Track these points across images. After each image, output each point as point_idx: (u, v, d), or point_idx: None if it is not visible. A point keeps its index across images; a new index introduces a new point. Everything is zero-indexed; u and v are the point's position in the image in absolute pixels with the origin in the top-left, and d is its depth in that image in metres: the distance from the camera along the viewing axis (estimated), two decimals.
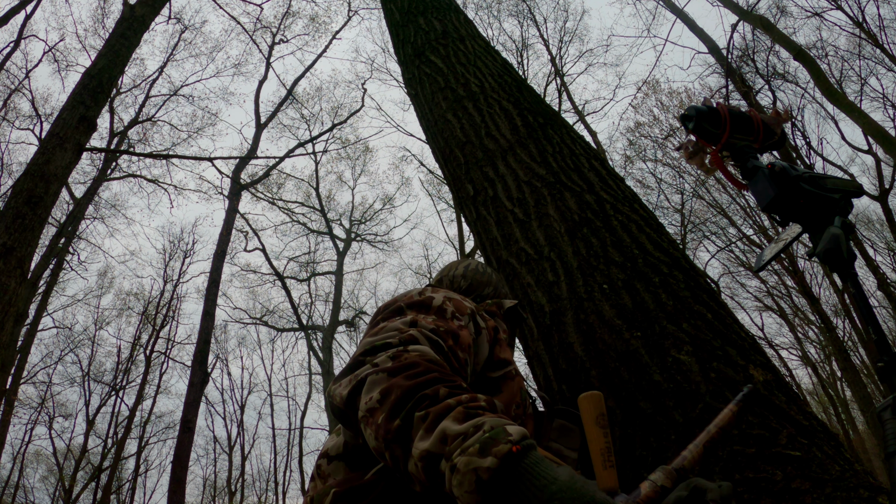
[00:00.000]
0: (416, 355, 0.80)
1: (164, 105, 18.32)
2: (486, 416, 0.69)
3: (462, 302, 1.08)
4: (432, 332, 0.90)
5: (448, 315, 1.00)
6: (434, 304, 1.02)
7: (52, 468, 22.55)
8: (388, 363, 0.79)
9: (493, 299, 1.41)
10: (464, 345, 0.94)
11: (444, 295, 1.06)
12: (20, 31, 15.10)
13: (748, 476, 1.25)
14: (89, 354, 21.44)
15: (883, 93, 14.71)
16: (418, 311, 0.99)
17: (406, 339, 0.85)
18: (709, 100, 1.17)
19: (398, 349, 0.81)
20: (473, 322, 1.06)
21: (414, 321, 0.92)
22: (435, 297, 1.04)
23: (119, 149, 16.26)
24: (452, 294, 1.09)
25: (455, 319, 1.00)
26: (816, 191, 1.02)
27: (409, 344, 0.84)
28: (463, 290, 1.44)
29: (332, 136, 20.10)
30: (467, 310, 1.07)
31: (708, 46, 13.88)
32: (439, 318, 0.97)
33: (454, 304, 1.05)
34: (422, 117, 3.03)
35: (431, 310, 1.00)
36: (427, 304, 1.01)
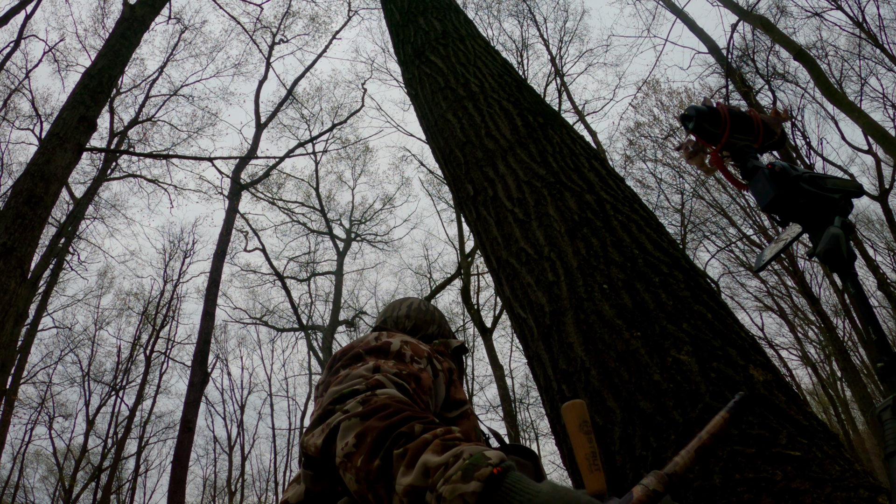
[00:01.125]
0: (385, 397, 0.82)
1: (164, 105, 18.33)
2: (463, 445, 0.72)
3: (418, 346, 1.11)
4: (396, 376, 0.93)
5: (407, 359, 1.02)
6: (392, 348, 1.04)
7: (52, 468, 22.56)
8: (359, 408, 0.80)
9: (438, 339, 1.44)
10: (425, 387, 0.97)
11: (400, 339, 1.08)
12: (20, 31, 15.10)
13: (748, 476, 1.25)
14: (89, 354, 21.44)
15: (883, 93, 14.72)
16: (377, 356, 1.01)
17: (372, 384, 0.87)
18: (709, 100, 1.17)
19: (367, 394, 0.83)
20: (431, 365, 1.08)
21: (377, 367, 0.94)
22: (392, 342, 1.06)
23: (119, 149, 16.26)
24: (408, 338, 1.12)
25: (414, 363, 1.02)
26: (816, 191, 1.02)
27: (376, 388, 0.85)
28: (408, 331, 1.46)
29: (332, 136, 20.11)
30: (424, 353, 1.09)
31: (708, 46, 13.88)
32: (399, 362, 0.99)
33: (412, 348, 1.07)
34: (422, 117, 3.03)
35: (390, 355, 1.02)
36: (385, 350, 1.03)
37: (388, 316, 1.53)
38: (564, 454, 1.71)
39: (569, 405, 0.81)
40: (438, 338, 1.50)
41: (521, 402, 21.20)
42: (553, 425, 1.78)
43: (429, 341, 1.46)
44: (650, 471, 1.36)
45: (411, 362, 1.02)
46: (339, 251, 20.40)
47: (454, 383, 1.16)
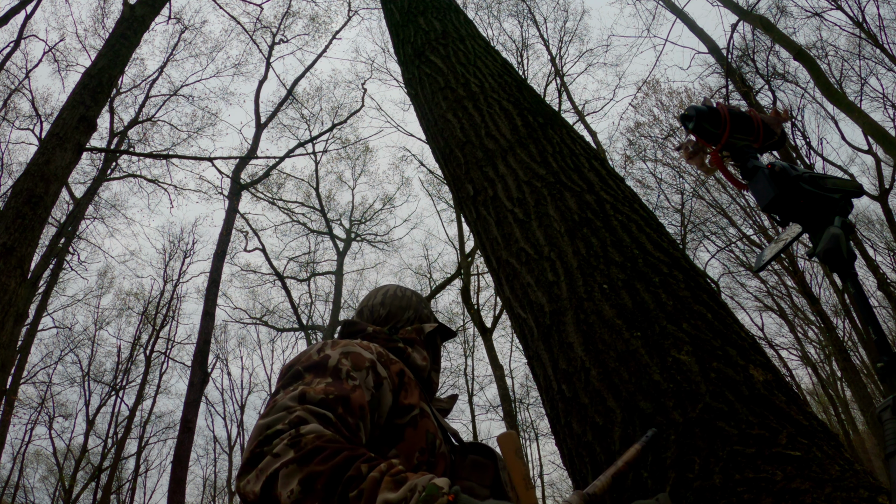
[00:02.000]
0: (314, 437, 0.83)
1: (164, 105, 18.34)
2: (411, 478, 0.79)
3: (361, 354, 1.08)
4: (319, 404, 0.92)
5: (343, 375, 1.01)
6: (330, 364, 1.03)
7: (52, 468, 22.57)
8: (290, 452, 0.81)
9: (412, 325, 1.43)
10: (354, 408, 0.95)
11: (340, 351, 1.06)
12: (20, 31, 15.11)
13: (748, 476, 1.25)
14: (89, 354, 21.45)
15: (883, 93, 14.72)
16: (315, 373, 1.00)
17: (294, 421, 0.87)
18: (709, 100, 1.17)
19: (292, 433, 0.84)
20: (373, 373, 1.06)
21: (303, 393, 0.93)
22: (331, 357, 1.04)
23: (119, 149, 16.26)
24: (351, 347, 1.09)
25: (349, 379, 1.00)
26: (816, 191, 1.02)
27: (299, 426, 0.86)
28: (383, 318, 1.45)
29: (332, 136, 20.12)
30: (365, 363, 1.07)
31: (708, 46, 13.88)
32: (334, 380, 0.99)
33: (351, 360, 1.05)
34: (422, 117, 3.03)
35: (327, 372, 1.01)
36: (323, 366, 1.02)
37: (365, 305, 1.52)
38: (564, 454, 1.71)
39: (503, 435, 0.95)
40: (415, 323, 1.48)
41: (521, 402, 21.21)
42: (553, 425, 1.78)
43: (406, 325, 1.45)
44: (650, 472, 1.36)
45: (346, 379, 1.00)
46: (339, 251, 20.40)
47: (406, 386, 1.14)
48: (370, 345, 1.17)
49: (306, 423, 0.87)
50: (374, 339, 1.33)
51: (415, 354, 1.34)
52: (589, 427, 1.56)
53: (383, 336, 1.35)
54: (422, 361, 1.33)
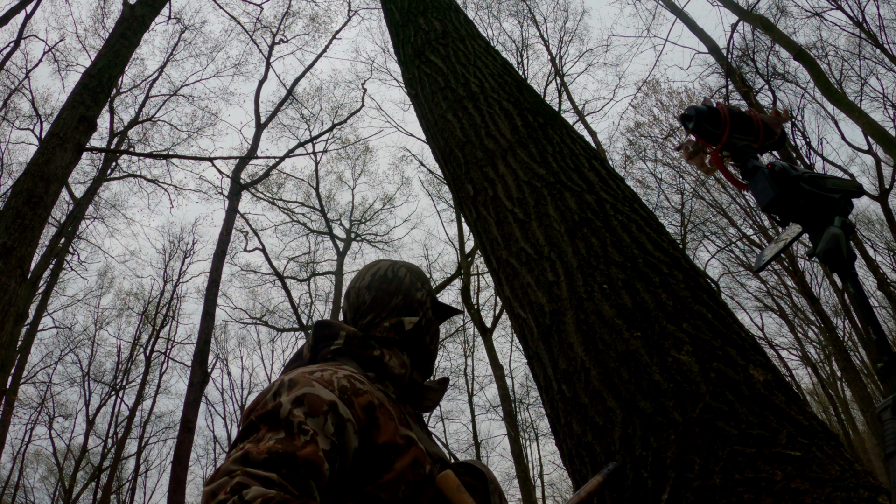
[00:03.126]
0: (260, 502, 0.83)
1: (164, 105, 18.33)
2: None
3: (319, 397, 1.00)
4: (262, 465, 0.90)
5: (294, 430, 0.95)
6: (282, 414, 0.97)
7: (52, 468, 22.56)
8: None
9: (391, 321, 1.30)
10: (300, 466, 0.92)
11: (294, 397, 0.99)
12: (20, 31, 15.11)
13: (748, 476, 1.25)
14: (89, 354, 21.45)
15: (883, 93, 14.73)
16: (268, 425, 0.97)
17: (235, 487, 0.86)
18: (709, 100, 1.17)
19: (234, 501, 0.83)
20: (334, 415, 0.99)
21: (245, 455, 0.91)
22: (282, 406, 0.98)
23: (119, 149, 16.26)
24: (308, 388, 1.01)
25: (301, 434, 0.95)
26: (816, 191, 1.02)
27: (240, 492, 0.85)
28: (368, 305, 1.35)
29: (332, 136, 20.11)
30: (324, 406, 0.99)
31: (708, 46, 13.88)
32: (285, 434, 0.95)
33: (307, 405, 0.98)
34: (422, 117, 3.03)
35: (280, 424, 0.96)
36: (275, 417, 0.97)
37: (352, 287, 1.41)
38: (564, 454, 1.71)
39: (440, 478, 1.04)
40: (401, 312, 1.34)
41: (521, 402, 21.20)
42: (553, 425, 1.78)
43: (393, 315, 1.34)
44: (650, 472, 1.36)
45: (298, 434, 0.94)
46: (339, 251, 20.39)
47: (376, 421, 1.06)
48: (333, 376, 1.07)
49: (247, 487, 0.85)
50: (345, 352, 1.22)
51: (392, 361, 1.23)
52: (589, 427, 1.56)
53: (356, 343, 1.23)
54: (400, 369, 1.23)
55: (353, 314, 1.37)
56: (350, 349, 1.22)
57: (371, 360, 1.22)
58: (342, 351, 1.22)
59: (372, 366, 1.21)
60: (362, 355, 1.22)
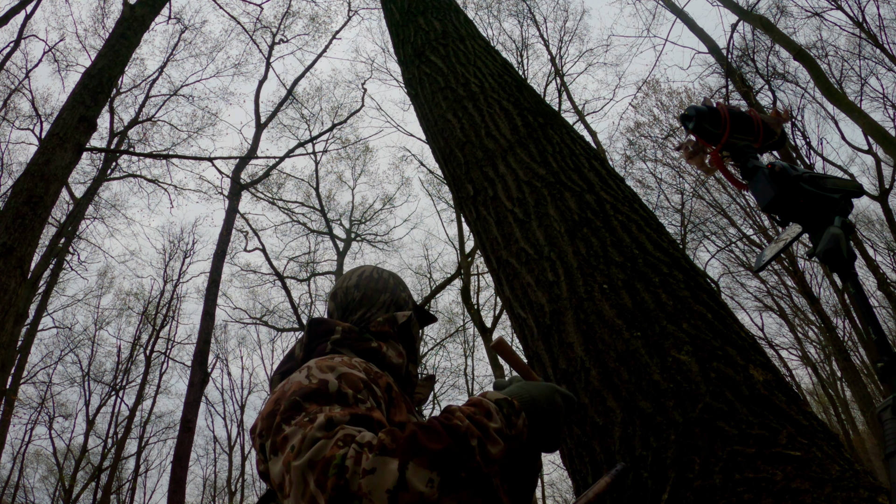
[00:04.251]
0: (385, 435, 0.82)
1: (164, 105, 18.34)
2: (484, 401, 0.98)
3: (354, 374, 1.00)
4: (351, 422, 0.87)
5: (351, 400, 0.94)
6: (331, 389, 0.95)
7: (52, 468, 22.57)
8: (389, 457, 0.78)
9: (385, 315, 1.31)
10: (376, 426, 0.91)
11: (336, 374, 0.98)
12: (20, 31, 15.11)
13: (748, 476, 1.25)
14: (89, 354, 21.46)
15: (883, 93, 14.73)
16: (317, 401, 0.92)
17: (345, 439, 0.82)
18: (709, 100, 1.17)
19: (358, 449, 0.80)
20: (368, 390, 1.00)
21: (329, 420, 0.86)
22: (329, 381, 0.96)
23: (119, 149, 16.26)
24: (341, 367, 1.01)
25: (358, 403, 0.94)
26: (816, 191, 1.02)
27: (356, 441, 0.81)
28: (357, 302, 1.36)
29: (332, 136, 20.11)
30: (360, 383, 0.99)
31: (708, 46, 13.88)
32: (342, 406, 0.92)
33: (348, 382, 0.98)
34: (422, 117, 3.03)
35: (332, 398, 0.93)
36: (324, 392, 0.94)
37: (339, 287, 1.43)
38: (564, 454, 1.71)
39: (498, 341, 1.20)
40: (390, 309, 1.37)
41: None
42: None
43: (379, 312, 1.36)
44: (650, 471, 1.36)
45: (355, 403, 0.93)
46: (339, 251, 20.39)
47: (394, 402, 1.07)
48: (352, 360, 1.08)
49: (361, 433, 0.83)
50: (344, 343, 1.22)
51: (389, 352, 1.24)
52: (589, 427, 1.56)
53: (354, 336, 1.23)
54: (397, 359, 1.25)
55: (341, 312, 1.39)
56: (348, 341, 1.23)
57: (370, 352, 1.22)
58: (341, 343, 1.22)
59: (371, 357, 1.22)
60: (360, 347, 1.22)
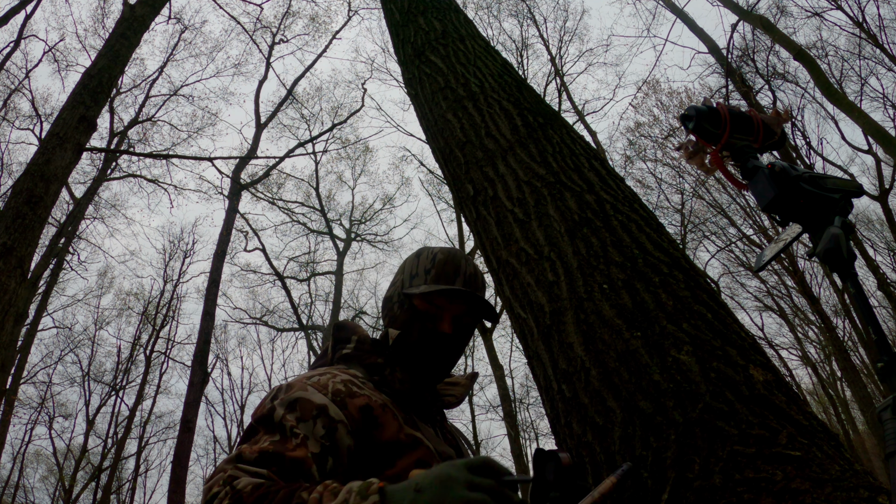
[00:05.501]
0: (251, 487, 0.87)
1: (164, 105, 18.34)
2: (347, 484, 0.85)
3: (310, 401, 1.03)
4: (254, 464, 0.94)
5: (287, 433, 0.99)
6: (276, 418, 1.01)
7: (52, 468, 22.57)
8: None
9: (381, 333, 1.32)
10: (288, 466, 0.95)
11: (288, 402, 1.03)
12: (20, 31, 15.12)
13: (748, 476, 1.25)
14: (89, 354, 21.46)
15: (883, 93, 14.73)
16: (265, 428, 1.01)
17: (227, 479, 0.90)
18: (709, 100, 1.17)
19: (227, 490, 0.88)
20: (325, 418, 1.02)
21: (239, 455, 0.96)
22: (276, 410, 1.02)
23: (119, 149, 16.26)
24: (300, 393, 1.05)
25: (293, 437, 0.99)
26: (816, 191, 1.01)
27: (232, 482, 0.89)
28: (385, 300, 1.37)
29: (332, 136, 20.12)
30: (313, 410, 1.02)
31: (708, 46, 13.89)
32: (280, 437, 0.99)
33: (299, 410, 1.02)
34: (422, 117, 3.03)
35: (275, 428, 1.01)
36: (269, 420, 1.02)
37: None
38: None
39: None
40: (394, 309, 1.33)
41: (521, 402, 21.21)
42: (553, 425, 1.78)
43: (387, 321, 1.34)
44: (650, 472, 1.36)
45: (291, 437, 0.99)
46: (339, 251, 20.41)
47: (374, 422, 1.07)
48: (329, 381, 1.09)
49: (238, 479, 0.90)
50: (352, 358, 1.24)
51: (392, 377, 1.22)
52: (589, 427, 1.56)
53: (366, 350, 1.25)
54: (400, 385, 1.22)
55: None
56: (358, 355, 1.25)
57: (375, 367, 1.23)
58: (350, 357, 1.25)
59: (376, 371, 1.23)
60: (366, 361, 1.24)
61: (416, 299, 1.28)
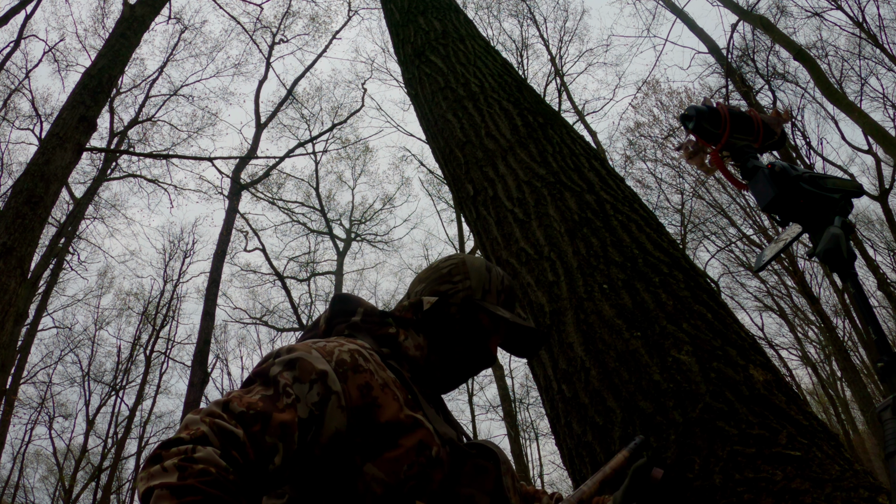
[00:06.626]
0: (199, 470, 0.84)
1: (164, 105, 18.33)
2: None
3: (311, 364, 1.00)
4: (238, 418, 0.91)
5: (280, 389, 0.97)
6: (271, 374, 0.99)
7: (52, 468, 22.57)
8: (174, 476, 0.83)
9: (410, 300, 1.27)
10: (274, 427, 0.92)
11: (286, 360, 1.01)
12: (20, 31, 15.11)
13: (748, 476, 1.25)
14: (89, 354, 21.44)
15: (883, 93, 14.73)
16: (261, 382, 0.99)
17: (198, 436, 0.87)
18: (709, 100, 1.17)
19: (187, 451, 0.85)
20: (321, 385, 0.99)
21: (227, 403, 0.93)
22: (274, 366, 1.00)
23: (119, 149, 16.26)
24: (302, 354, 1.02)
25: (284, 396, 0.96)
26: (816, 191, 1.02)
27: (198, 444, 0.86)
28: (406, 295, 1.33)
29: (332, 136, 20.10)
30: (312, 374, 0.99)
31: (708, 46, 13.89)
32: (273, 393, 0.97)
33: (298, 370, 0.99)
34: (422, 117, 3.03)
35: (269, 383, 0.98)
36: (265, 375, 1.00)
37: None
38: (565, 454, 1.71)
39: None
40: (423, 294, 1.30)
41: (521, 402, 21.20)
42: (553, 425, 1.78)
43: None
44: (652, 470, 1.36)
45: (282, 395, 0.96)
46: (339, 251, 20.40)
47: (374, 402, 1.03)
48: (336, 349, 1.06)
49: (207, 442, 0.87)
50: (362, 328, 1.20)
51: (407, 342, 1.19)
52: (589, 427, 1.56)
53: (374, 321, 1.21)
54: (415, 351, 1.19)
55: None
56: (367, 325, 1.21)
57: (385, 338, 1.19)
58: (359, 326, 1.20)
59: (386, 342, 1.19)
60: (377, 332, 1.20)
61: (483, 314, 1.28)
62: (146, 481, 0.83)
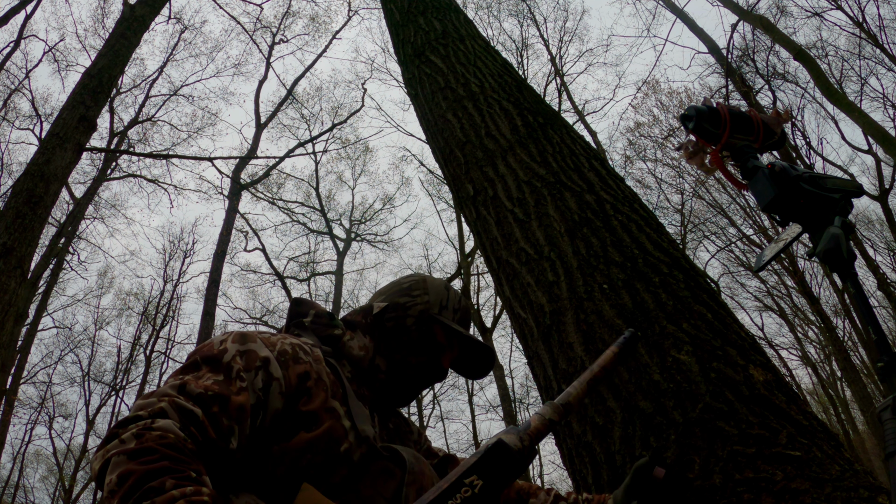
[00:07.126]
0: (157, 435, 0.84)
1: (164, 105, 18.32)
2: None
3: (256, 353, 1.04)
4: (196, 399, 0.93)
5: (233, 375, 1.00)
6: (224, 359, 1.01)
7: (52, 468, 22.56)
8: (132, 443, 0.83)
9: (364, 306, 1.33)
10: (231, 410, 0.95)
11: (237, 349, 1.04)
12: (20, 31, 15.11)
13: (748, 476, 1.25)
14: (89, 354, 21.43)
15: (883, 93, 14.73)
16: (210, 367, 1.01)
17: (156, 411, 0.88)
18: (709, 100, 1.17)
19: (145, 423, 0.86)
20: (264, 372, 1.02)
21: (183, 384, 0.94)
22: (227, 352, 1.03)
23: (119, 149, 16.26)
24: (250, 344, 1.05)
25: (238, 380, 0.99)
26: (816, 191, 1.02)
27: (156, 418, 0.87)
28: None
29: (332, 136, 20.10)
30: (257, 362, 1.03)
31: (708, 46, 13.90)
32: (224, 378, 0.99)
33: (246, 358, 1.03)
34: (422, 117, 3.03)
35: (221, 368, 1.00)
36: (218, 361, 1.01)
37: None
38: (564, 454, 1.71)
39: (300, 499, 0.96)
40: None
41: (521, 402, 21.20)
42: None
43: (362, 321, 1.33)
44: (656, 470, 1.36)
45: (236, 380, 0.99)
46: (339, 251, 20.39)
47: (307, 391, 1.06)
48: (280, 341, 1.10)
49: (165, 416, 0.88)
50: (307, 329, 1.25)
51: (352, 343, 1.24)
52: (589, 427, 1.56)
53: (322, 323, 1.26)
54: (359, 351, 1.24)
55: None
56: (315, 326, 1.26)
57: (330, 338, 1.24)
58: (305, 327, 1.26)
59: (330, 342, 1.24)
60: (323, 332, 1.25)
61: (439, 329, 1.33)
62: (102, 457, 0.84)
